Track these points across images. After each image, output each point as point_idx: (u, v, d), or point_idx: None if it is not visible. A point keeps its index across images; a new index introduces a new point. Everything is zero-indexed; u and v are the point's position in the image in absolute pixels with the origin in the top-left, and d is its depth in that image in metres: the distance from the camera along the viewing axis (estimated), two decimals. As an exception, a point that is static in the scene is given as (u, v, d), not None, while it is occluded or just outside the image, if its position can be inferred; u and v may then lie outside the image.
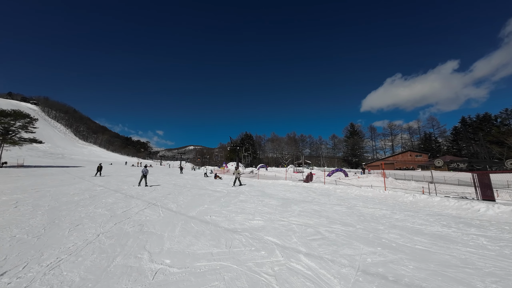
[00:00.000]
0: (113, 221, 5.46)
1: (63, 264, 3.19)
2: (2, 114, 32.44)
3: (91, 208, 6.84)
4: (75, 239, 4.21)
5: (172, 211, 6.88)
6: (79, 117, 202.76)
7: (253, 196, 10.28)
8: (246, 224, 5.49)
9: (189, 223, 5.54)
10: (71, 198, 8.58)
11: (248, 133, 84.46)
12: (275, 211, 7.14)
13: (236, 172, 15.81)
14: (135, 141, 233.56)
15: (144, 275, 2.95)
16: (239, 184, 15.40)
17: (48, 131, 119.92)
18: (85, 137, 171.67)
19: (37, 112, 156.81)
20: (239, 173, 15.75)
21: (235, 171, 15.88)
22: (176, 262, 3.36)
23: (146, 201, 8.31)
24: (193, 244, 4.09)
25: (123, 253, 3.61)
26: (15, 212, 6.11)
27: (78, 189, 11.26)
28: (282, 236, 4.63)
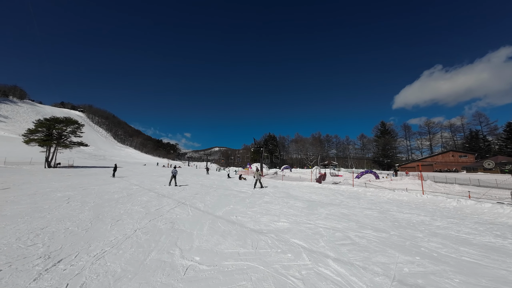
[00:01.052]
0: (148, 218, 5.88)
1: (107, 255, 3.53)
2: (56, 121, 37.18)
3: (128, 206, 7.47)
4: (116, 233, 4.63)
5: (200, 210, 7.16)
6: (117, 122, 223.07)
7: (278, 198, 10.21)
8: (271, 226, 5.47)
9: (216, 222, 5.71)
10: (112, 196, 9.46)
11: (271, 134, 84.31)
12: (301, 213, 6.99)
13: (256, 174, 14.85)
14: (165, 143, 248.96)
15: (176, 270, 3.12)
16: (260, 187, 14.38)
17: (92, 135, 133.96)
18: (122, 140, 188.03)
19: (83, 118, 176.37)
20: (260, 175, 14.89)
21: (255, 173, 14.95)
22: (205, 259, 3.49)
23: (176, 200, 8.79)
24: (221, 243, 4.20)
25: (157, 249, 3.87)
26: (67, 207, 6.94)
27: (117, 187, 12.37)
28: (309, 239, 4.52)
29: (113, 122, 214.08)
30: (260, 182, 14.65)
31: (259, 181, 14.54)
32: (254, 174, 14.85)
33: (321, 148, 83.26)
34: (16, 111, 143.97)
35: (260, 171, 16.12)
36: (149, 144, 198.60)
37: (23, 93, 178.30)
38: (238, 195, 10.80)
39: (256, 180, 14.61)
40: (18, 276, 2.83)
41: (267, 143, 77.32)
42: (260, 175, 14.78)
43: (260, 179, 14.60)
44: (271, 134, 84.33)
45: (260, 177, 14.76)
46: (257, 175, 14.64)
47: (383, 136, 77.40)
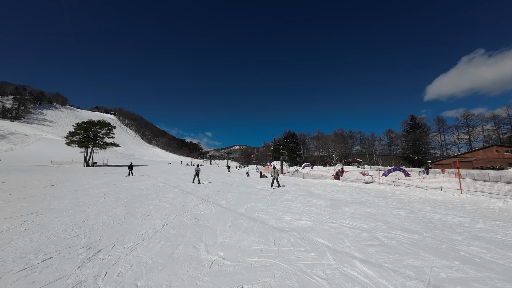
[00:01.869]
0: (174, 214, 6.19)
1: (139, 247, 3.79)
2: (92, 124, 40.68)
3: (156, 202, 7.93)
4: (146, 227, 4.94)
5: (223, 207, 7.34)
6: (145, 123, 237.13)
7: (299, 196, 10.06)
8: (293, 224, 5.42)
9: (238, 219, 5.81)
10: (141, 192, 10.12)
11: (291, 131, 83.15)
12: (324, 212, 6.81)
13: (273, 172, 13.63)
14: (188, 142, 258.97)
15: (202, 264, 3.24)
16: (277, 186, 13.54)
17: (123, 136, 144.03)
18: (149, 140, 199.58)
19: (115, 121, 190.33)
20: (277, 173, 13.64)
21: (273, 171, 13.69)
22: (229, 255, 3.57)
23: (199, 197, 9.12)
24: (243, 240, 4.27)
25: (184, 243, 4.05)
26: (104, 202, 7.58)
27: (146, 185, 13.19)
28: (333, 238, 4.38)
29: (141, 123, 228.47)
30: (278, 180, 13.77)
31: (277, 180, 13.65)
32: (271, 172, 13.72)
33: (344, 145, 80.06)
34: (59, 116, 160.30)
35: (278, 169, 14.75)
36: (173, 143, 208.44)
37: (64, 99, 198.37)
38: (259, 193, 10.87)
39: (273, 178, 13.61)
40: (66, 263, 3.16)
41: (287, 140, 76.49)
42: (277, 173, 13.69)
43: (277, 177, 13.62)
44: (291, 132, 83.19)
45: (278, 175, 13.70)
46: (274, 173, 13.59)
47: (413, 130, 72.01)
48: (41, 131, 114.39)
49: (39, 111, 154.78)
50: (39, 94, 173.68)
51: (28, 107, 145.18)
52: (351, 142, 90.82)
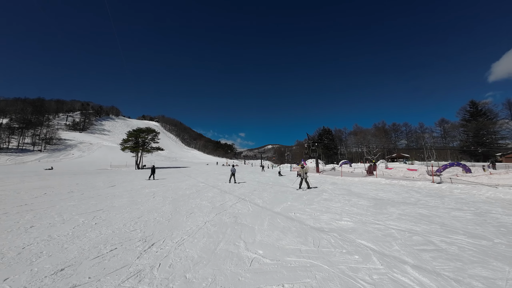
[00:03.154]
0: (214, 212, 6.55)
1: (186, 242, 4.13)
2: (141, 131, 45.67)
3: (198, 200, 8.49)
4: (191, 224, 5.35)
5: (259, 206, 7.47)
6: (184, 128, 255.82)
7: (338, 195, 9.58)
8: (333, 224, 5.19)
9: (275, 218, 5.84)
10: (184, 192, 10.96)
11: (326, 128, 79.52)
12: (367, 212, 6.35)
13: (302, 171, 11.93)
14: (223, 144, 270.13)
15: (243, 261, 3.36)
16: (307, 187, 11.63)
17: (166, 141, 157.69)
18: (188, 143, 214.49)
19: (159, 127, 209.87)
20: (306, 173, 11.91)
21: (301, 170, 11.99)
22: (268, 253, 3.63)
23: (237, 196, 9.44)
24: (281, 239, 4.28)
25: (225, 240, 4.26)
26: (153, 201, 8.46)
27: (188, 185, 14.24)
28: (379, 241, 4.06)
29: (180, 128, 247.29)
30: (307, 181, 11.81)
31: (306, 180, 11.78)
32: (299, 172, 12.04)
33: (387, 139, 73.03)
34: (115, 126, 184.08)
35: (308, 168, 12.49)
36: (210, 145, 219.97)
37: (118, 111, 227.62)
38: (294, 192, 10.71)
39: (302, 179, 11.90)
40: (127, 253, 3.64)
41: (322, 137, 73.42)
42: (306, 172, 11.91)
43: (306, 177, 11.81)
44: (326, 128, 79.56)
45: (307, 175, 11.92)
46: (303, 172, 11.85)
47: (474, 119, 61.55)
48: (102, 139, 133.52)
49: (100, 122, 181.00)
50: (98, 108, 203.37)
51: (91, 119, 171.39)
52: (396, 136, 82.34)
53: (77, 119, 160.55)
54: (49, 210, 6.82)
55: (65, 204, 7.78)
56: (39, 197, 9.25)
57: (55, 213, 6.44)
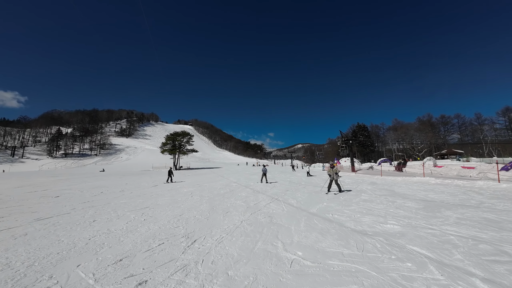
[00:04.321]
0: (249, 212, 6.64)
1: (225, 240, 4.26)
2: (177, 135, 49.02)
3: (232, 200, 8.72)
4: (228, 222, 5.51)
5: (293, 206, 7.32)
6: (215, 130, 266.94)
7: (379, 196, 8.85)
8: (377, 228, 4.80)
9: (311, 219, 5.65)
10: (219, 191, 11.38)
11: (360, 124, 74.35)
12: (416, 215, 5.72)
13: (331, 171, 10.18)
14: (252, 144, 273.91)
15: (282, 262, 3.32)
16: (338, 191, 9.97)
17: (199, 143, 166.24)
18: (219, 145, 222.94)
19: (192, 130, 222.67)
20: (337, 173, 10.14)
21: (330, 170, 10.26)
22: (307, 255, 3.51)
23: (270, 196, 9.43)
24: (320, 241, 4.11)
25: (262, 239, 4.28)
26: (192, 200, 8.97)
27: (221, 185, 14.76)
28: (436, 248, 3.61)
29: (212, 130, 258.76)
30: (338, 183, 10.01)
31: (336, 182, 10.02)
32: (328, 172, 10.40)
33: (433, 133, 64.96)
34: (154, 131, 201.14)
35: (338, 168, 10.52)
36: (240, 146, 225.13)
37: (157, 117, 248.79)
38: (330, 192, 10.24)
39: (331, 180, 10.20)
40: (173, 248, 3.91)
41: (356, 134, 68.94)
42: (336, 173, 10.11)
43: (337, 178, 10.06)
44: (360, 124, 74.39)
45: (337, 176, 10.13)
46: (333, 173, 10.11)
47: (553, 105, 50.68)
48: (144, 143, 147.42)
49: (142, 128, 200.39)
50: (141, 115, 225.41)
51: (135, 126, 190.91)
52: (445, 130, 72.79)
53: (124, 126, 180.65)
54: (106, 207, 7.76)
55: (118, 202, 8.76)
56: (97, 195, 10.61)
57: (111, 210, 7.29)
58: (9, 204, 8.63)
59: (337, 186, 10.00)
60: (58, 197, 10.21)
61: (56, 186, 15.24)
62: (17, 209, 7.63)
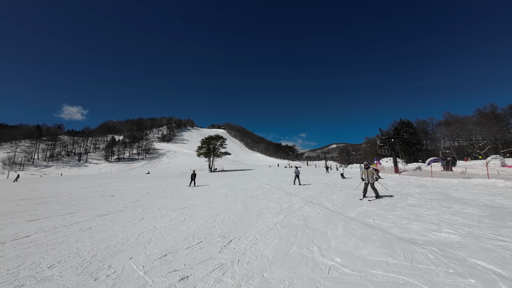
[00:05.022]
0: (282, 214, 6.57)
1: (259, 242, 4.29)
2: (211, 138, 51.51)
3: (265, 202, 8.75)
4: (261, 224, 5.54)
5: (329, 210, 6.99)
6: (246, 133, 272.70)
7: (430, 200, 7.85)
8: (429, 236, 4.26)
9: (350, 224, 5.31)
10: (252, 193, 11.54)
11: (404, 120, 67.15)
12: (479, 223, 4.90)
13: (366, 173, 8.69)
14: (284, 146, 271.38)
15: (319, 267, 3.19)
16: (375, 197, 8.51)
17: (232, 146, 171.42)
18: (251, 147, 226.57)
19: (225, 134, 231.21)
20: (374, 176, 8.59)
21: (364, 172, 8.79)
22: (346, 262, 3.31)
23: (303, 199, 9.18)
24: (361, 248, 3.83)
25: (297, 243, 4.18)
26: (226, 201, 9.29)
27: (254, 186, 14.94)
28: (509, 264, 3.03)
29: (243, 133, 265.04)
30: (375, 188, 8.55)
31: (372, 186, 8.54)
32: (362, 174, 8.96)
33: (499, 127, 54.83)
34: (191, 135, 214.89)
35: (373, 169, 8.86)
36: (271, 148, 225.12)
37: (193, 122, 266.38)
38: (370, 195, 9.48)
39: (367, 184, 8.71)
40: (210, 247, 4.10)
41: (399, 131, 62.54)
42: (374, 176, 8.57)
43: (373, 182, 8.56)
44: (404, 120, 67.20)
45: (373, 178, 8.56)
46: (367, 176, 8.61)
47: None
48: (182, 147, 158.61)
49: (180, 133, 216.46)
50: (179, 122, 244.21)
51: (174, 132, 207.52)
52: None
53: (164, 132, 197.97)
54: (151, 206, 8.56)
55: (161, 202, 9.58)
56: (144, 196, 11.79)
57: (156, 208, 8.02)
58: (77, 202, 10.19)
59: (373, 191, 8.56)
60: (113, 197, 11.67)
61: (112, 187, 17.45)
62: (83, 206, 8.97)
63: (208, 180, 23.12)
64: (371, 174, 8.59)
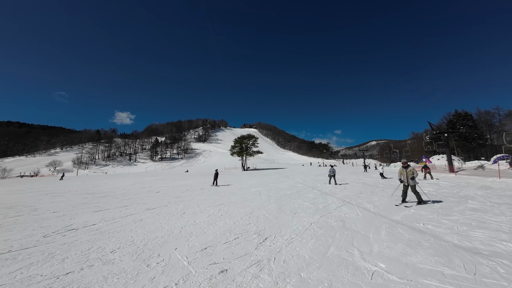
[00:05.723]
0: (318, 214, 6.36)
1: (295, 241, 4.25)
2: (243, 138, 52.70)
3: (299, 201, 8.59)
4: (296, 224, 5.46)
5: (370, 211, 6.51)
6: (278, 131, 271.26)
7: (498, 205, 6.67)
8: (497, 246, 3.63)
9: (395, 228, 4.86)
10: (285, 192, 11.45)
11: (461, 112, 58.08)
12: None
13: (404, 173, 7.29)
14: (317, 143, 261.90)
15: (361, 272, 3.01)
16: (417, 202, 7.12)
17: (263, 144, 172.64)
18: (283, 146, 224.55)
19: (257, 133, 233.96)
20: (413, 177, 7.10)
21: (403, 172, 7.34)
22: (393, 269, 3.04)
23: (340, 199, 8.74)
24: (409, 255, 3.48)
25: (335, 245, 4.01)
26: (260, 199, 9.41)
27: (287, 185, 14.79)
28: None
29: (275, 132, 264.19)
30: (416, 192, 7.10)
31: (414, 190, 7.11)
32: (400, 174, 7.45)
33: None
34: (224, 135, 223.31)
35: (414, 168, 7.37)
36: (304, 146, 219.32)
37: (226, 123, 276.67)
38: (411, 199, 8.51)
39: (406, 186, 7.31)
40: (247, 243, 4.22)
41: (454, 125, 54.44)
42: (413, 177, 7.11)
43: (415, 184, 7.14)
44: (461, 112, 58.12)
45: (414, 180, 7.14)
46: (406, 177, 7.20)
47: None
48: (217, 147, 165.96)
49: (214, 134, 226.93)
50: (213, 122, 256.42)
51: (209, 132, 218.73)
52: None
53: (200, 133, 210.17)
54: (191, 202, 9.20)
55: (200, 198, 10.21)
56: (184, 192, 12.73)
57: (195, 204, 8.59)
58: (129, 196, 11.56)
59: (415, 195, 7.09)
60: (158, 193, 12.89)
61: (157, 184, 19.29)
62: (134, 200, 10.13)
63: (242, 178, 23.75)
64: (411, 175, 7.15)
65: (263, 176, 26.74)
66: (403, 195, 7.39)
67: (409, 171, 7.21)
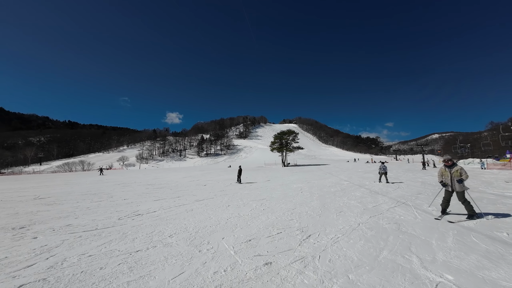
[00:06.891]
0: (367, 214, 5.88)
1: (341, 241, 4.04)
2: (283, 133, 52.24)
3: (345, 199, 8.10)
4: (342, 223, 5.18)
5: (432, 214, 5.68)
6: (319, 126, 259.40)
7: None
8: None
9: (466, 235, 4.13)
10: (329, 189, 10.94)
11: None
12: None
13: (447, 175, 5.45)
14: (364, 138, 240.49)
15: (421, 281, 2.67)
16: (467, 216, 5.14)
17: (304, 140, 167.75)
18: (325, 141, 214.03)
19: (297, 128, 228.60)
20: (461, 180, 5.15)
21: (445, 173, 5.51)
22: (464, 283, 2.61)
23: (393, 199, 7.88)
24: (487, 268, 2.91)
25: (388, 248, 3.66)
26: (302, 195, 9.24)
27: (331, 182, 14.09)
28: None
29: (316, 126, 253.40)
30: (466, 200, 5.18)
31: (460, 196, 5.24)
32: (442, 176, 5.61)
33: None
34: (264, 131, 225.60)
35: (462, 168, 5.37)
36: (349, 141, 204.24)
37: (265, 119, 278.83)
38: (498, 200, 7.01)
39: (450, 192, 5.42)
40: (290, 239, 4.22)
41: (556, 111, 42.08)
42: (461, 179, 5.17)
43: (463, 190, 5.22)
44: None
45: (463, 184, 5.21)
46: (451, 179, 5.35)
47: None
48: (257, 143, 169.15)
49: (254, 130, 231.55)
50: (253, 119, 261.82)
51: (249, 129, 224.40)
52: None
53: (241, 130, 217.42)
54: (235, 195, 9.67)
55: (243, 192, 10.64)
56: (228, 186, 13.45)
57: (238, 198, 9.00)
58: (181, 188, 12.86)
59: (464, 205, 5.21)
60: (205, 186, 13.97)
61: (204, 178, 20.91)
62: (185, 192, 11.22)
63: (282, 174, 23.69)
64: (458, 176, 5.25)
65: (304, 172, 26.08)
66: (444, 204, 5.53)
67: (454, 172, 5.33)
